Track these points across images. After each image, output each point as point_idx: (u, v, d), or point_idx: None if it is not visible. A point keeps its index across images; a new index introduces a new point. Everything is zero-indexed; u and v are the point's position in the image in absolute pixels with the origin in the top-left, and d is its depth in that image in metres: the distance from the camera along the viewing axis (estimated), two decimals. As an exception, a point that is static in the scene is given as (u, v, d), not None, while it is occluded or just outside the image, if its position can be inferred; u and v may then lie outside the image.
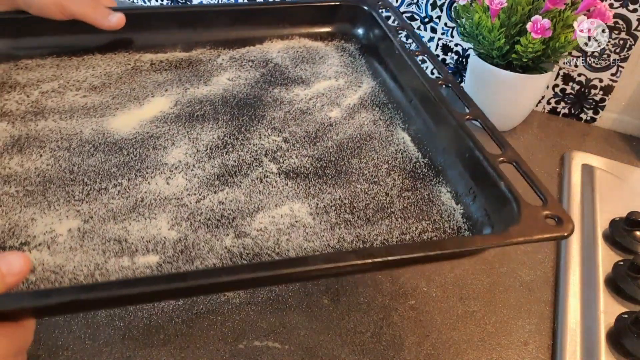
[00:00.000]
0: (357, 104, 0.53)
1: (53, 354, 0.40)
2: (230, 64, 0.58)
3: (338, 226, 0.40)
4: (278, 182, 0.44)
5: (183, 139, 0.48)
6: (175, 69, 0.57)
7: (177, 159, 0.46)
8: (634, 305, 0.48)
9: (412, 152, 0.48)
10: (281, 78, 0.57)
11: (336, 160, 0.46)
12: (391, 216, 0.41)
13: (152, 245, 0.38)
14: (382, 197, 0.43)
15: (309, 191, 0.43)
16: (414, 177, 0.45)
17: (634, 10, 0.68)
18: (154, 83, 0.54)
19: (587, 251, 0.53)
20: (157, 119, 0.50)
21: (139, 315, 0.43)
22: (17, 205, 0.40)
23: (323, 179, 0.44)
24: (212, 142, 0.47)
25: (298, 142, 0.48)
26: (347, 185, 0.44)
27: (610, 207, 0.58)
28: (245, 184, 0.43)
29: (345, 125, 0.50)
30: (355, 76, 0.58)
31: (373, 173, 0.45)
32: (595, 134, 0.77)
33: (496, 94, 0.70)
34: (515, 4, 0.63)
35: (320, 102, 0.53)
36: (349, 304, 0.46)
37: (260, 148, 0.47)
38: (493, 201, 0.40)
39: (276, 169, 0.45)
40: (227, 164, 0.45)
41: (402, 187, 0.44)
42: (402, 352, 0.43)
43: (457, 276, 0.51)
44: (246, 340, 0.42)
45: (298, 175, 0.44)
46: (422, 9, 0.79)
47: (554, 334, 0.46)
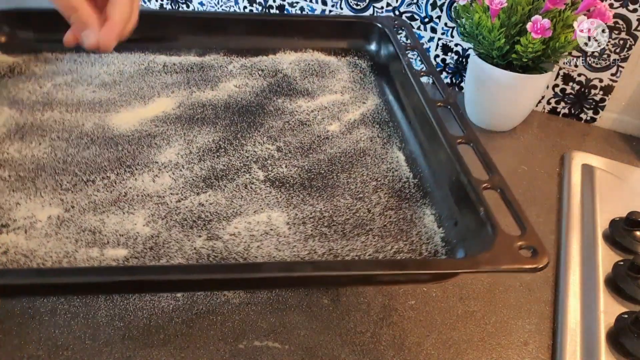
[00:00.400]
0: (358, 119, 0.54)
1: (53, 354, 0.40)
2: (240, 71, 0.60)
3: (312, 238, 0.40)
4: (262, 190, 0.44)
5: (178, 140, 0.48)
6: (185, 72, 0.58)
7: (169, 158, 0.46)
8: (634, 305, 0.48)
9: (404, 172, 0.48)
10: (287, 89, 0.58)
11: (325, 173, 0.47)
12: (369, 233, 0.41)
13: (124, 239, 0.38)
14: (364, 213, 0.43)
15: (290, 201, 0.43)
16: (400, 196, 0.45)
17: (634, 10, 0.68)
18: (163, 84, 0.56)
19: (587, 251, 0.53)
20: (158, 119, 0.51)
21: (139, 315, 0.43)
22: (6, 189, 0.41)
23: (307, 190, 0.44)
24: (206, 145, 0.48)
25: (291, 152, 0.49)
26: (331, 198, 0.44)
27: (610, 207, 0.58)
28: (229, 189, 0.44)
29: (342, 140, 0.51)
30: (361, 92, 0.58)
31: (359, 189, 0.45)
32: (595, 134, 0.77)
33: (496, 94, 0.70)
34: (515, 4, 0.63)
35: (321, 115, 0.54)
36: (349, 304, 0.46)
37: (252, 155, 0.48)
38: (472, 227, 0.39)
39: (263, 177, 0.45)
40: (216, 167, 0.46)
41: (387, 205, 0.44)
42: (402, 352, 0.43)
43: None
44: (246, 340, 0.42)
45: (284, 184, 0.45)
46: (422, 9, 0.79)
47: (554, 334, 0.46)
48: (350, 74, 0.61)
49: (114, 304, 0.44)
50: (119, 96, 0.53)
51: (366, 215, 0.43)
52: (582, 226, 0.57)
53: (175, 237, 0.39)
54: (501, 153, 0.70)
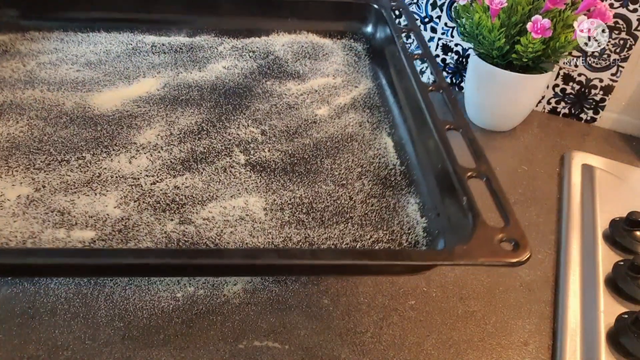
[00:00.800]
0: (349, 104, 0.52)
1: (53, 354, 0.40)
2: (231, 52, 0.57)
3: (289, 225, 0.39)
4: (242, 174, 0.42)
5: (160, 121, 0.47)
6: (174, 53, 0.56)
7: (148, 139, 0.45)
8: (634, 305, 0.48)
9: (391, 159, 0.46)
10: (278, 71, 0.56)
11: (309, 158, 0.45)
12: (348, 221, 0.40)
13: (93, 221, 0.37)
14: (345, 200, 0.41)
15: (270, 186, 0.42)
16: (385, 184, 0.43)
17: (634, 10, 0.68)
18: (149, 64, 0.54)
19: (587, 251, 0.53)
20: (141, 99, 0.49)
21: (139, 316, 0.43)
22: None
23: (289, 176, 0.43)
24: (187, 127, 0.47)
25: (275, 135, 0.47)
26: (312, 185, 0.42)
27: (610, 207, 0.58)
28: (207, 172, 0.42)
29: (329, 124, 0.49)
30: (354, 76, 0.56)
31: (343, 175, 0.44)
32: (595, 134, 0.77)
33: (496, 94, 0.70)
34: (515, 4, 0.63)
35: (311, 98, 0.52)
36: (349, 304, 0.46)
37: (235, 138, 0.46)
38: (455, 218, 0.37)
39: (244, 160, 0.44)
40: (196, 150, 0.44)
41: (370, 192, 0.42)
42: (402, 352, 0.43)
43: (457, 276, 0.51)
44: (246, 340, 0.42)
45: (265, 169, 0.43)
46: (422, 9, 0.78)
47: (554, 334, 0.46)
48: (344, 57, 0.59)
49: (114, 304, 0.44)
50: (104, 76, 0.52)
51: (347, 203, 0.41)
52: (582, 226, 0.57)
53: (146, 220, 0.38)
54: (501, 153, 0.70)
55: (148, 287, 0.45)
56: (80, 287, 0.45)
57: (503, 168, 0.67)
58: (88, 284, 0.45)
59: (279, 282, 0.47)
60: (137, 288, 0.45)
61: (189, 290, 0.46)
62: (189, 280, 0.46)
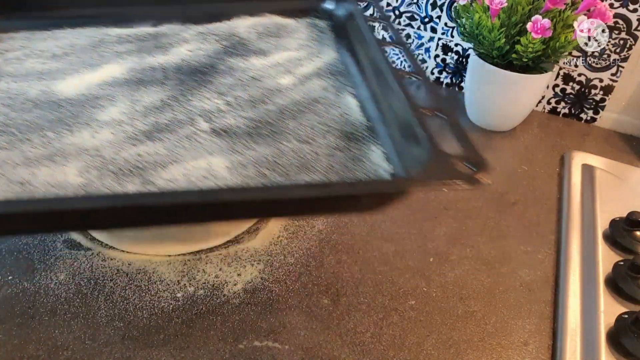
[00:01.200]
0: (312, 72, 0.53)
1: (53, 354, 0.40)
2: (195, 37, 0.59)
3: (251, 180, 0.39)
4: (205, 140, 0.43)
5: (123, 100, 0.47)
6: (139, 42, 0.57)
7: (112, 116, 0.45)
8: (634, 305, 0.48)
9: (356, 116, 0.46)
10: (242, 50, 0.56)
11: (273, 122, 0.45)
12: (313, 174, 0.40)
13: (55, 190, 0.38)
14: (310, 155, 0.41)
15: (234, 148, 0.42)
16: (349, 138, 0.44)
17: (634, 10, 0.68)
18: (115, 53, 0.55)
19: (587, 251, 0.53)
20: (105, 83, 0.50)
21: (139, 316, 0.43)
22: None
23: (253, 138, 0.43)
24: (151, 103, 0.47)
25: (240, 105, 0.47)
26: (277, 144, 0.42)
27: (610, 207, 0.58)
28: (171, 140, 0.43)
29: (293, 91, 0.49)
30: (318, 48, 0.57)
31: (309, 133, 0.44)
32: (595, 134, 0.77)
33: (496, 94, 0.70)
34: (515, 4, 0.63)
35: (274, 71, 0.52)
36: (349, 304, 0.46)
37: (199, 109, 0.46)
38: (418, 158, 0.38)
39: (208, 128, 0.44)
40: (159, 122, 0.45)
41: (335, 146, 0.42)
42: (402, 352, 0.43)
43: (457, 276, 0.51)
44: (246, 340, 0.42)
45: (228, 133, 0.43)
46: (422, 9, 0.79)
47: (554, 334, 0.46)
48: (308, 33, 0.60)
49: (113, 304, 0.44)
50: (69, 65, 0.52)
51: (312, 157, 0.41)
52: (582, 226, 0.57)
53: (108, 184, 0.38)
54: (501, 153, 0.70)
55: (148, 287, 0.46)
56: (81, 287, 0.45)
57: (503, 168, 0.67)
58: (88, 284, 0.45)
59: (278, 282, 0.47)
60: (137, 288, 0.45)
61: (189, 290, 0.46)
62: (189, 280, 0.46)
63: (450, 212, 0.58)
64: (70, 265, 0.47)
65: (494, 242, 0.55)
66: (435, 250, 0.53)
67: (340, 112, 0.47)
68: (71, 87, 0.49)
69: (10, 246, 0.48)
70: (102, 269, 0.47)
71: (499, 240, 0.56)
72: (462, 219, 0.58)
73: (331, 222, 0.55)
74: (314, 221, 0.54)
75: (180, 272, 0.47)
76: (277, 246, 0.51)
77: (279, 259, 0.50)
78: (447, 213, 0.58)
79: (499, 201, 0.61)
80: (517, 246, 0.55)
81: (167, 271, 0.47)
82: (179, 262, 0.48)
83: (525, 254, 0.54)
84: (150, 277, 0.46)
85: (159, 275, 0.47)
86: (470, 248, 0.54)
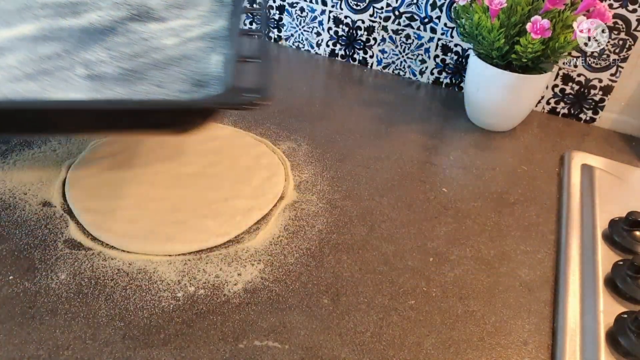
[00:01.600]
0: (197, 36, 0.58)
1: (53, 353, 0.40)
2: (109, 6, 0.65)
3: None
4: (77, 82, 0.48)
5: (23, 51, 0.52)
6: (59, 8, 0.63)
7: (7, 62, 0.50)
8: (633, 305, 0.48)
9: (212, 70, 0.53)
10: (145, 17, 0.63)
11: (142, 71, 0.51)
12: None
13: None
14: (159, 96, 0.48)
15: (97, 88, 0.48)
16: (197, 85, 0.50)
17: (633, 10, 0.68)
18: (33, 16, 0.59)
19: (586, 251, 0.54)
20: (15, 38, 0.54)
21: (139, 315, 0.43)
22: None
23: (118, 82, 0.49)
24: (45, 54, 0.52)
25: (121, 58, 0.53)
26: (134, 86, 0.49)
27: (610, 207, 0.59)
28: (48, 81, 0.48)
29: (172, 50, 0.55)
30: (212, 18, 0.64)
31: (165, 80, 0.50)
32: (594, 134, 0.77)
33: (496, 94, 0.70)
34: (515, 4, 0.64)
35: (165, 34, 0.59)
36: (349, 304, 0.47)
37: (83, 60, 0.52)
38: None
39: (84, 74, 0.50)
40: (45, 68, 0.50)
41: (183, 90, 0.50)
42: (402, 352, 0.43)
43: (457, 276, 0.51)
44: (246, 340, 0.42)
45: (100, 78, 0.49)
46: (422, 9, 0.79)
47: (554, 333, 0.46)
48: (210, 6, 0.67)
49: (114, 303, 0.44)
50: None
51: (159, 97, 0.48)
52: (581, 226, 0.57)
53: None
54: (501, 153, 0.70)
55: (149, 287, 0.46)
56: (81, 287, 0.45)
57: (503, 168, 0.67)
58: (89, 283, 0.45)
59: (279, 282, 0.48)
60: (138, 288, 0.45)
61: (190, 290, 0.46)
62: (190, 280, 0.47)
63: (450, 212, 0.58)
64: (71, 265, 0.47)
65: (494, 242, 0.55)
66: (435, 250, 0.53)
67: (203, 66, 0.53)
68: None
69: (11, 246, 0.48)
70: (102, 269, 0.47)
71: (498, 240, 0.56)
72: (461, 219, 0.58)
73: (331, 222, 0.55)
74: (314, 221, 0.55)
75: (180, 272, 0.47)
76: (277, 246, 0.51)
77: (279, 259, 0.50)
78: (447, 213, 0.58)
79: (498, 201, 0.61)
80: (516, 246, 0.55)
81: (168, 271, 0.47)
82: (179, 261, 0.48)
83: (525, 254, 0.54)
84: (151, 276, 0.47)
85: (159, 275, 0.47)
86: (469, 248, 0.54)
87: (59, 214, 0.52)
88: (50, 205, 0.53)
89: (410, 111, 0.77)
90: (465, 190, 0.62)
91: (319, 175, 0.61)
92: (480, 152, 0.70)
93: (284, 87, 0.78)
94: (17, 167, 0.57)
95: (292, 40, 0.91)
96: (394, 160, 0.66)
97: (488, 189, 0.63)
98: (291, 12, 0.87)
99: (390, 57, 0.85)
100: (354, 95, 0.79)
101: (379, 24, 0.83)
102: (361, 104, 0.77)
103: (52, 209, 0.52)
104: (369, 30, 0.84)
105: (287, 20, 0.88)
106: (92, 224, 0.51)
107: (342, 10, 0.83)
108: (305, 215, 0.55)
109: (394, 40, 0.83)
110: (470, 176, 0.65)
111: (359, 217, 0.56)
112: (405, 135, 0.71)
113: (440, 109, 0.79)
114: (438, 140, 0.71)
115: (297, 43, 0.90)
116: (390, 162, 0.65)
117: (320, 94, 0.78)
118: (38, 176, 0.56)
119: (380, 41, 0.84)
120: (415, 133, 0.72)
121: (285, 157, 0.64)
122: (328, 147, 0.66)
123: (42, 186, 0.55)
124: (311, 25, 0.87)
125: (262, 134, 0.67)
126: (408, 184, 0.62)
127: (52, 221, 0.51)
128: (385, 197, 0.59)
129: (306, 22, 0.87)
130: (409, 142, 0.70)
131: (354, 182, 0.61)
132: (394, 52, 0.84)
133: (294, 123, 0.70)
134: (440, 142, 0.71)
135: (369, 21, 0.83)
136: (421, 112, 0.77)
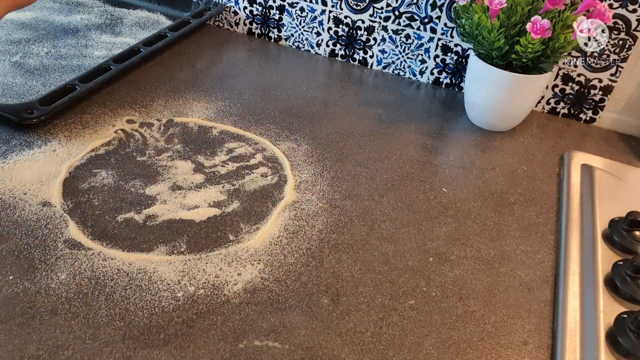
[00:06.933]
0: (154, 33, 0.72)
1: (53, 353, 0.40)
2: (99, 12, 0.78)
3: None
4: (6, 71, 0.60)
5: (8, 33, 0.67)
6: (65, 5, 0.77)
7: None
8: (633, 305, 0.48)
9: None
10: (109, 28, 0.76)
11: (74, 59, 0.64)
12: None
13: None
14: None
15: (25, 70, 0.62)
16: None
17: (633, 10, 0.68)
18: (44, 7, 0.74)
19: (586, 251, 0.54)
20: (19, 19, 0.68)
21: (140, 315, 0.43)
22: None
23: (48, 70, 0.61)
24: (16, 39, 0.65)
25: (61, 57, 0.65)
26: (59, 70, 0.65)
27: (609, 207, 0.59)
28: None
29: (109, 44, 0.68)
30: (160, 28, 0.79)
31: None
32: (594, 134, 0.77)
33: (496, 94, 0.70)
34: (515, 5, 0.64)
35: (110, 40, 0.71)
36: (349, 304, 0.47)
37: (24, 49, 0.64)
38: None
39: (15, 60, 0.62)
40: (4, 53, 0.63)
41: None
42: (402, 352, 0.43)
43: (456, 276, 0.51)
44: (246, 340, 0.42)
45: (35, 68, 0.61)
46: (422, 9, 0.79)
47: (554, 333, 0.46)
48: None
49: (114, 303, 0.44)
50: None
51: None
52: (581, 226, 0.57)
53: None
54: (501, 153, 0.70)
55: (149, 287, 0.46)
56: (81, 287, 0.45)
57: (503, 168, 0.67)
58: (89, 283, 0.45)
59: (278, 282, 0.48)
60: (138, 288, 0.45)
61: (190, 290, 0.46)
62: (190, 280, 0.47)
63: (450, 212, 0.58)
64: (71, 265, 0.47)
65: (494, 242, 0.55)
66: (435, 250, 0.53)
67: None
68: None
69: (11, 246, 0.48)
70: (102, 269, 0.47)
71: (498, 240, 0.56)
72: (461, 219, 0.58)
73: (331, 222, 0.55)
74: (314, 221, 0.55)
75: (180, 272, 0.47)
76: (277, 246, 0.51)
77: (279, 259, 0.50)
78: (447, 213, 0.58)
79: (498, 201, 0.61)
80: (516, 246, 0.55)
81: (168, 271, 0.47)
82: (179, 261, 0.48)
83: (525, 254, 0.54)
84: (151, 276, 0.47)
85: (159, 275, 0.47)
86: (469, 248, 0.54)
87: (59, 214, 0.52)
88: (50, 205, 0.53)
89: (410, 111, 0.77)
90: (465, 190, 0.62)
91: (318, 175, 0.61)
92: (480, 152, 0.70)
93: (284, 87, 0.78)
94: (17, 167, 0.56)
95: (292, 40, 0.90)
96: (394, 160, 0.66)
97: (488, 189, 0.63)
98: (291, 12, 0.87)
99: (390, 57, 0.85)
100: (354, 95, 0.79)
101: (378, 24, 0.83)
102: (361, 104, 0.77)
103: (52, 209, 0.52)
104: (369, 30, 0.84)
105: (287, 20, 0.88)
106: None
107: (342, 10, 0.83)
108: (305, 215, 0.55)
109: (394, 41, 0.83)
110: (470, 176, 0.65)
111: (359, 217, 0.56)
112: (405, 135, 0.71)
113: (440, 109, 0.79)
114: (438, 140, 0.71)
115: (297, 43, 0.90)
116: (390, 162, 0.65)
117: (320, 94, 0.78)
118: (38, 176, 0.56)
119: (380, 41, 0.84)
120: (415, 133, 0.72)
121: (285, 157, 0.64)
122: (328, 147, 0.66)
123: (42, 186, 0.55)
124: (311, 25, 0.87)
125: (262, 133, 0.67)
126: (408, 184, 0.62)
127: (52, 221, 0.51)
128: (385, 197, 0.59)
129: (306, 22, 0.87)
130: (409, 142, 0.70)
131: (354, 182, 0.61)
132: (394, 52, 0.84)
133: (294, 123, 0.70)
134: (440, 142, 0.71)
135: (369, 21, 0.83)
136: (421, 112, 0.77)
